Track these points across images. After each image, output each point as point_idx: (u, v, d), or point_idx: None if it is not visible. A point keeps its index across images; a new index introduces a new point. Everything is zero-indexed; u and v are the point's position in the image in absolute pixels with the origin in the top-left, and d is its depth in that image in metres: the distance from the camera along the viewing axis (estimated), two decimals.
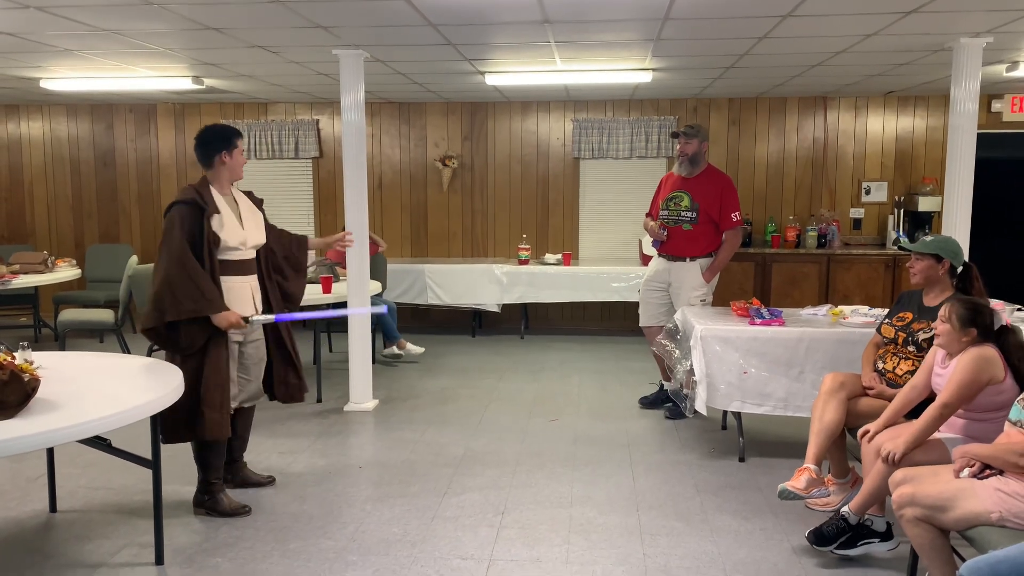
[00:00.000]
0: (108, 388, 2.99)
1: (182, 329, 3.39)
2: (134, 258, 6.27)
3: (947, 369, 3.00)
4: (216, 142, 3.59)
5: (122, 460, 3.06)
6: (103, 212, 8.56)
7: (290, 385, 3.91)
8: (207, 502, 3.63)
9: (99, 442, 2.97)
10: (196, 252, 3.42)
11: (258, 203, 3.85)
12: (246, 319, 3.55)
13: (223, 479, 3.72)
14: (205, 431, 3.43)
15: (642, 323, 5.41)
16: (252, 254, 3.71)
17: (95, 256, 7.87)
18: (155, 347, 5.63)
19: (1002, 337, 2.96)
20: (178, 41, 5.06)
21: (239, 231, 3.59)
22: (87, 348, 7.20)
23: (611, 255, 8.09)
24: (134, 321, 7.98)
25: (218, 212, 3.52)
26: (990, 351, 2.90)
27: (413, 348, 6.74)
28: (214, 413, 3.43)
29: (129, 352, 6.27)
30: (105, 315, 6.36)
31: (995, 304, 2.94)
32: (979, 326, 2.93)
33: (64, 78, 6.55)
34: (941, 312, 3.00)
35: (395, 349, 6.67)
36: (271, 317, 3.67)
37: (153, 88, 6.96)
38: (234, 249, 3.56)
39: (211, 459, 3.62)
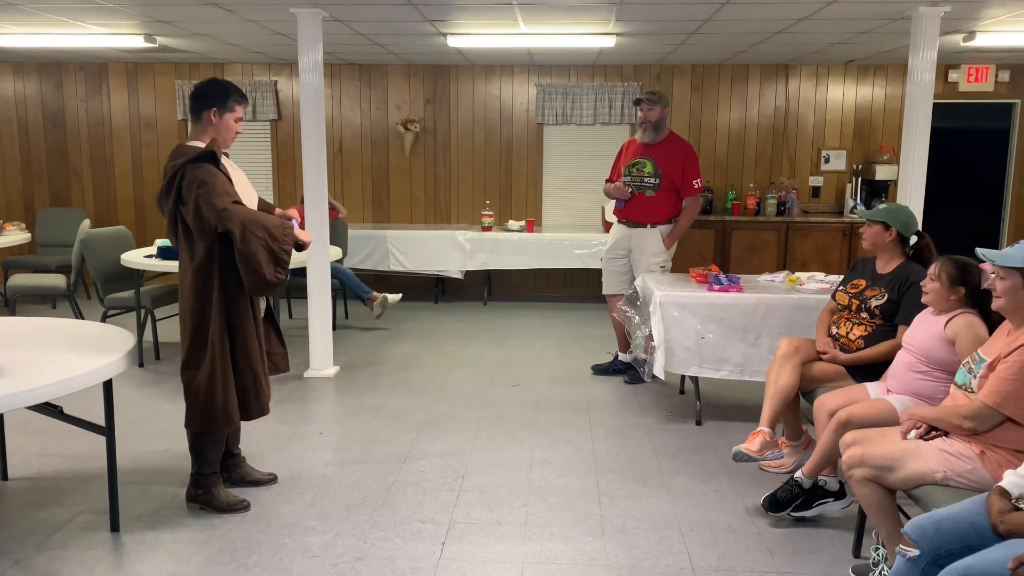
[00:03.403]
0: (59, 354, 2.92)
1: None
2: (86, 222, 6.11)
3: (933, 323, 3.03)
4: (212, 96, 3.24)
5: (75, 427, 3.01)
6: (53, 175, 8.31)
7: (275, 354, 3.56)
8: (201, 496, 3.32)
9: (50, 409, 2.92)
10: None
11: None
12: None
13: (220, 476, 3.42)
14: (258, 410, 3.27)
15: (605, 291, 5.44)
16: None
17: (46, 220, 7.67)
18: (110, 313, 5.54)
19: (986, 296, 2.99)
20: None
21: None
22: (39, 314, 7.03)
23: (574, 222, 8.10)
24: (87, 286, 7.82)
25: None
26: (974, 317, 2.93)
27: (391, 296, 6.63)
28: (263, 388, 3.28)
29: (83, 318, 6.14)
30: (57, 280, 6.21)
31: (984, 265, 2.98)
32: (967, 285, 2.95)
33: (9, 34, 6.29)
34: (931, 270, 3.02)
35: (376, 303, 6.48)
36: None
37: (104, 46, 6.73)
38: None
39: (208, 451, 3.30)
